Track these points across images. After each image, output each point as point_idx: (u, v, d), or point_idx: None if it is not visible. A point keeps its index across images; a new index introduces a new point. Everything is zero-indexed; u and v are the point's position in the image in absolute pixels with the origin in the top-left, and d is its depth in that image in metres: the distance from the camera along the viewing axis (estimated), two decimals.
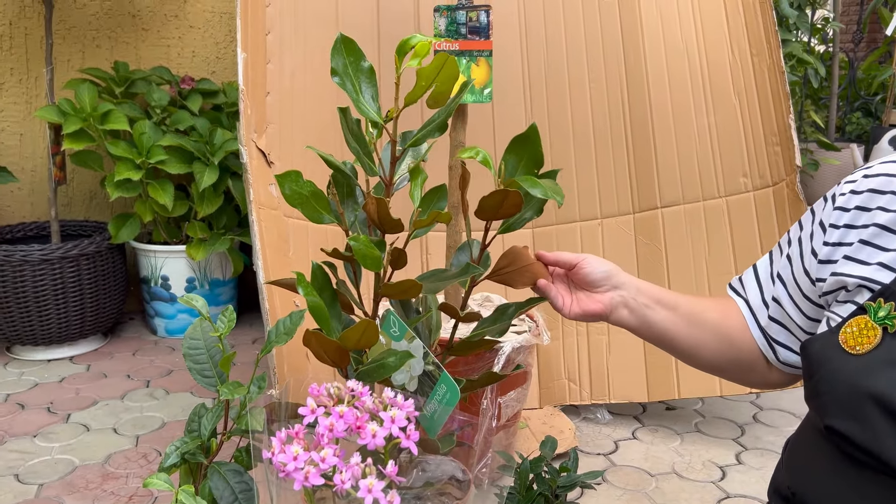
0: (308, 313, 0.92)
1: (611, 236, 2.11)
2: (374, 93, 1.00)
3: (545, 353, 2.04)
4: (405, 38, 0.95)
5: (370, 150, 1.01)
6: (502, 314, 1.08)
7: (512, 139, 0.99)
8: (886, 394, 0.67)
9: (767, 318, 0.92)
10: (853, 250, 0.78)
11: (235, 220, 2.69)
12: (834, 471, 0.73)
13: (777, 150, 1.99)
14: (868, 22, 5.08)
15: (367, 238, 0.92)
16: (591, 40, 2.11)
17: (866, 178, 0.81)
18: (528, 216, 1.02)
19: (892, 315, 0.70)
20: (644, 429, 1.98)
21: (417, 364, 1.01)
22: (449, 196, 1.58)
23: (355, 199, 1.05)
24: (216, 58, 2.92)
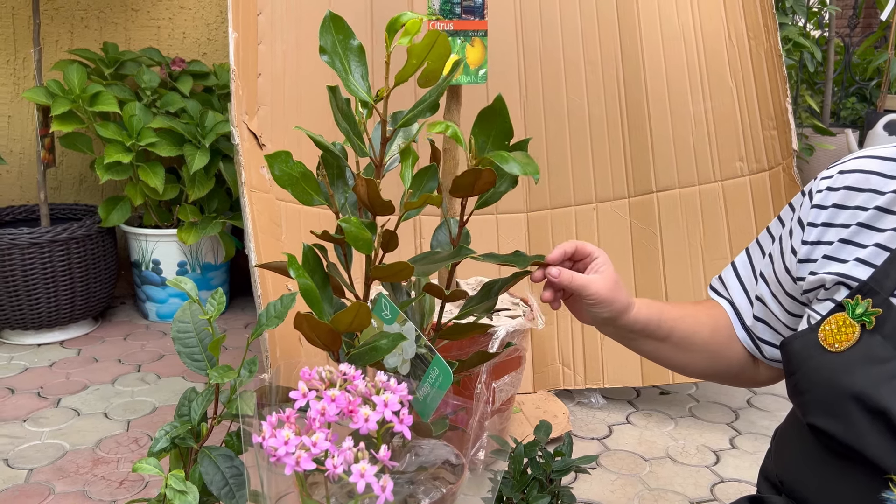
0: (299, 296, 0.90)
1: (606, 220, 2.09)
2: (363, 72, 0.98)
3: (539, 338, 2.03)
4: (395, 16, 0.93)
5: (360, 131, 0.99)
6: (488, 291, 1.07)
7: (479, 112, 0.97)
8: (866, 391, 0.67)
9: (753, 318, 0.91)
10: (833, 249, 0.77)
11: (227, 203, 2.67)
12: (820, 461, 0.73)
13: (774, 134, 1.98)
14: (863, 6, 5.06)
15: (357, 220, 0.91)
16: (587, 22, 2.09)
17: (842, 174, 0.80)
18: (503, 189, 1.01)
19: (870, 312, 0.70)
20: (638, 413, 1.98)
21: (409, 347, 1.00)
22: (443, 178, 1.57)
23: (345, 180, 1.03)
24: (207, 39, 2.88)
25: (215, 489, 0.89)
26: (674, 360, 0.94)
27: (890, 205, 0.74)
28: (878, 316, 0.69)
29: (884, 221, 0.74)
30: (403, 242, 2.04)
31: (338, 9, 1.98)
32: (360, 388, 0.78)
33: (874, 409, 0.66)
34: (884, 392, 0.66)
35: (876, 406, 0.66)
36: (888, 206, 0.75)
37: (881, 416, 0.66)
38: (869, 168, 0.78)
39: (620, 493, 1.57)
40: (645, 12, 2.06)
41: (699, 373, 0.96)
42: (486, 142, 1.00)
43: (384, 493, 0.69)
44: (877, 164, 0.77)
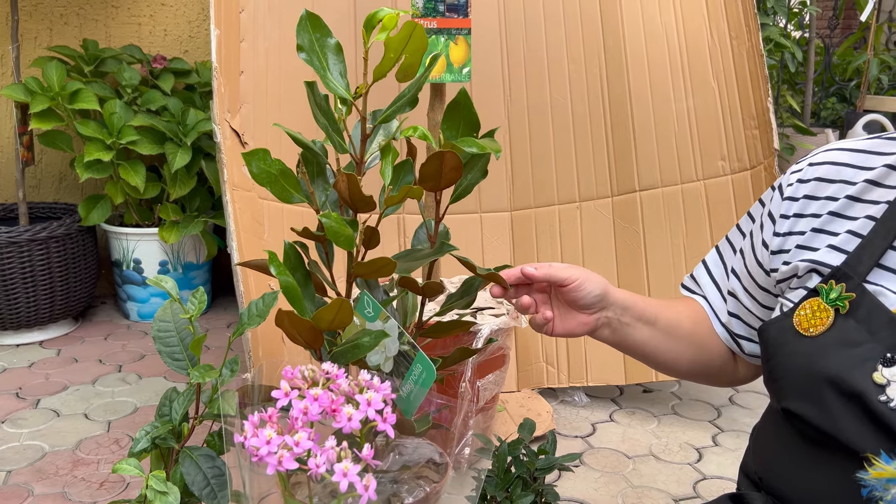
0: (281, 295, 0.90)
1: (589, 219, 2.10)
2: (342, 69, 0.97)
3: (523, 337, 2.03)
4: (373, 12, 0.93)
5: (339, 128, 0.98)
6: (469, 287, 1.07)
7: (447, 106, 0.98)
8: (840, 375, 0.68)
9: (727, 314, 0.91)
10: (805, 239, 0.78)
11: (209, 202, 2.65)
12: (796, 453, 0.74)
13: (755, 133, 1.99)
14: (844, 8, 5.11)
15: (338, 216, 0.90)
16: (571, 21, 2.09)
17: (812, 166, 0.81)
18: (474, 178, 1.00)
19: (844, 296, 0.71)
20: (621, 411, 1.98)
21: (392, 344, 1.00)
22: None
23: (326, 178, 1.03)
24: (189, 37, 2.86)
25: (197, 490, 0.89)
26: (663, 351, 0.93)
27: (861, 193, 0.76)
28: (852, 300, 0.71)
29: (855, 210, 0.76)
30: (387, 241, 2.03)
31: (320, 7, 1.97)
32: (342, 386, 0.77)
33: (848, 392, 0.67)
34: (857, 375, 0.67)
35: (850, 389, 0.67)
36: (859, 194, 0.76)
37: (855, 399, 0.67)
38: (840, 160, 0.79)
39: (604, 491, 1.58)
40: (628, 11, 2.06)
41: (686, 366, 0.95)
42: (455, 134, 1.00)
43: (367, 493, 0.69)
44: (847, 156, 0.79)
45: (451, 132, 0.99)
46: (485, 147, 0.93)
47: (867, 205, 0.75)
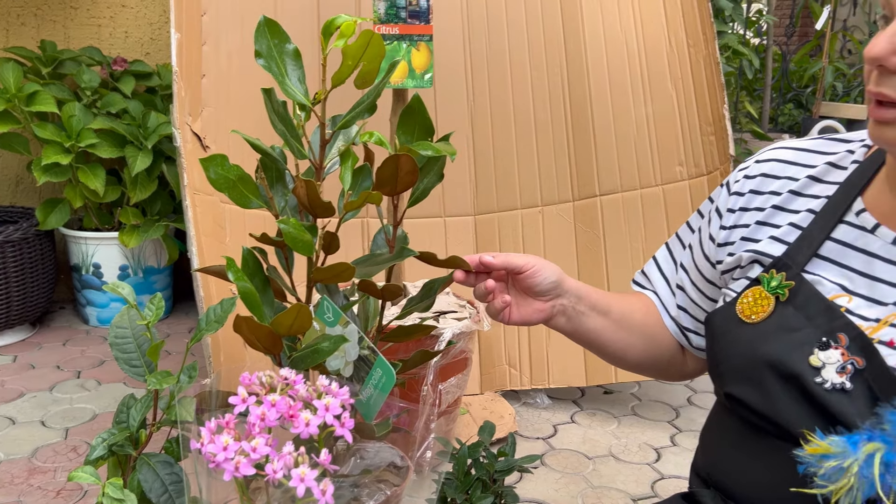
0: (239, 300, 0.90)
1: (551, 223, 2.13)
2: (300, 75, 0.98)
3: (486, 340, 2.05)
4: (330, 19, 0.94)
5: (298, 134, 0.99)
6: (429, 290, 1.08)
7: (401, 112, 0.99)
8: (779, 358, 0.71)
9: (676, 308, 0.94)
10: (750, 231, 0.82)
11: (170, 205, 2.62)
12: (739, 443, 0.77)
13: (712, 139, 2.03)
14: (800, 16, 5.23)
15: (297, 221, 0.91)
16: (533, 27, 2.12)
17: (758, 163, 0.85)
18: (431, 182, 1.02)
19: (784, 284, 0.74)
20: (582, 413, 2.01)
21: (352, 349, 1.00)
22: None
23: (285, 183, 1.03)
24: (150, 39, 2.82)
25: (154, 497, 0.88)
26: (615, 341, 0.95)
27: (803, 189, 0.80)
28: (791, 288, 0.74)
29: (797, 203, 0.80)
30: (351, 245, 2.04)
31: (284, 10, 1.97)
32: (301, 392, 0.78)
33: (786, 374, 0.70)
34: (795, 358, 0.70)
35: (788, 372, 0.70)
36: (801, 189, 0.80)
37: (793, 381, 0.70)
38: (785, 157, 0.83)
39: (564, 492, 1.60)
40: (589, 18, 2.10)
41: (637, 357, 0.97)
42: (410, 139, 1.02)
43: (324, 497, 0.69)
44: (792, 154, 0.83)
45: (406, 137, 1.00)
46: (440, 150, 0.94)
47: (808, 199, 0.79)
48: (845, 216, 0.75)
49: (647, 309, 0.97)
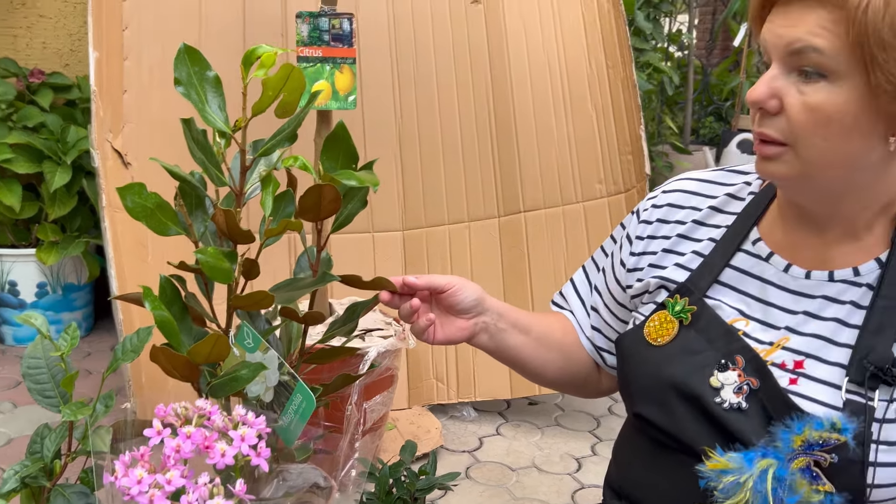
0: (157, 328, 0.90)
1: (477, 239, 2.17)
2: (220, 102, 0.98)
3: (414, 355, 2.07)
4: (251, 49, 0.95)
5: (218, 161, 0.99)
6: (352, 313, 1.09)
7: (325, 139, 1.00)
8: (682, 380, 0.76)
9: (591, 328, 0.99)
10: (657, 258, 0.87)
11: (91, 221, 2.56)
12: (647, 458, 0.82)
13: (629, 158, 2.12)
14: (720, 31, 5.45)
15: (215, 250, 0.91)
16: (459, 46, 2.16)
17: (665, 193, 0.90)
18: (354, 208, 1.03)
19: (687, 309, 0.79)
20: (507, 424, 2.06)
21: (272, 375, 1.01)
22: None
23: (205, 208, 1.03)
24: (70, 50, 2.75)
25: None
26: (534, 358, 0.97)
27: (705, 218, 0.85)
28: (694, 312, 0.79)
29: (700, 232, 0.85)
30: (279, 267, 2.03)
31: (209, 25, 1.96)
32: (217, 422, 0.79)
33: (689, 395, 0.75)
34: (696, 379, 0.75)
35: (690, 392, 0.75)
36: (704, 219, 0.85)
37: (695, 401, 0.75)
38: (689, 188, 0.88)
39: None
40: (513, 41, 2.15)
41: (555, 375, 1.00)
42: (334, 166, 1.03)
43: None
44: (695, 185, 0.88)
45: (330, 163, 1.02)
46: (363, 181, 0.96)
47: (710, 228, 0.84)
48: (743, 245, 0.81)
49: (565, 328, 1.01)
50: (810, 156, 0.67)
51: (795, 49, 0.65)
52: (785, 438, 0.67)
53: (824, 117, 0.65)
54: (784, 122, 0.67)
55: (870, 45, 0.61)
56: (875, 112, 0.64)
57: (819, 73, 0.64)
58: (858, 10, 0.60)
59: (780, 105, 0.67)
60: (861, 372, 0.69)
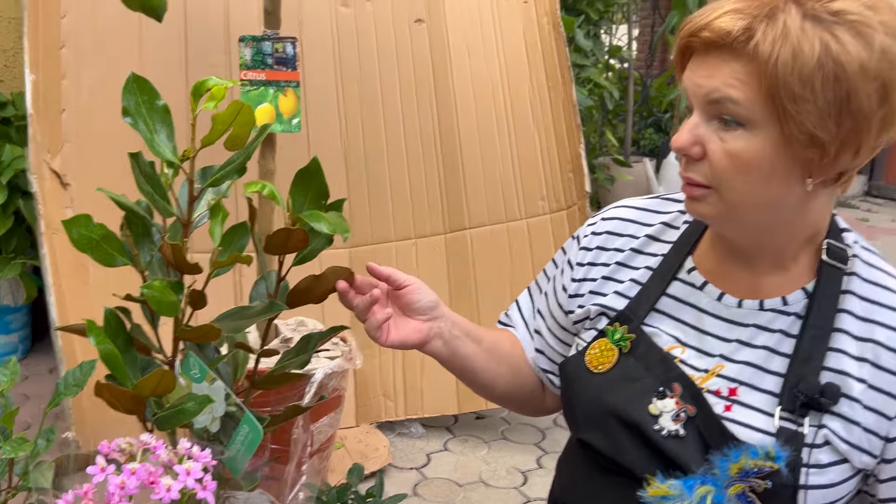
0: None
1: (424, 255, 2.19)
2: (169, 132, 0.98)
3: (361, 372, 2.08)
4: (200, 81, 0.95)
5: (165, 192, 0.99)
6: (305, 345, 1.09)
7: (296, 173, 1.00)
8: (623, 408, 0.78)
9: (534, 351, 1.00)
10: (597, 285, 0.89)
11: (27, 242, 2.48)
12: (590, 480, 0.84)
13: (570, 176, 2.17)
14: (659, 44, 5.60)
15: (161, 283, 0.91)
16: (404, 65, 2.19)
17: (604, 220, 0.91)
18: (319, 247, 1.03)
19: (626, 337, 0.81)
20: (455, 440, 2.08)
21: (219, 406, 1.01)
22: (260, 231, 1.58)
23: (151, 238, 1.02)
24: (4, 66, 2.68)
25: None
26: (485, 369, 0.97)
27: (643, 247, 0.87)
28: (633, 340, 0.81)
29: (637, 260, 0.87)
30: (226, 292, 2.00)
31: (150, 43, 1.93)
32: (162, 457, 0.79)
33: (629, 422, 0.77)
34: (636, 406, 0.77)
35: (630, 420, 0.77)
36: (641, 247, 0.87)
37: (635, 428, 0.77)
38: (626, 216, 0.90)
39: None
40: (457, 60, 2.19)
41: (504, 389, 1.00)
42: (304, 201, 1.03)
43: None
44: (633, 213, 0.90)
45: (300, 199, 1.01)
46: (334, 228, 0.94)
47: (647, 257, 0.87)
48: (678, 273, 0.83)
49: (514, 343, 1.02)
50: (733, 198, 0.70)
51: (713, 99, 0.68)
52: (722, 466, 0.70)
53: (744, 163, 0.68)
54: (707, 167, 0.70)
55: (781, 97, 0.64)
56: (791, 158, 0.67)
57: (737, 122, 0.67)
58: (769, 63, 0.63)
59: (703, 151, 0.70)
60: (793, 401, 0.71)
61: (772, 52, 0.63)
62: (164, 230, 0.98)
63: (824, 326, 0.73)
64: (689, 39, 0.70)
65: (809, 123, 0.64)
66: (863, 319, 0.73)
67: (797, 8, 0.64)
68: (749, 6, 0.65)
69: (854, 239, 0.78)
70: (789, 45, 0.63)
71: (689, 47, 0.70)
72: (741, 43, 0.65)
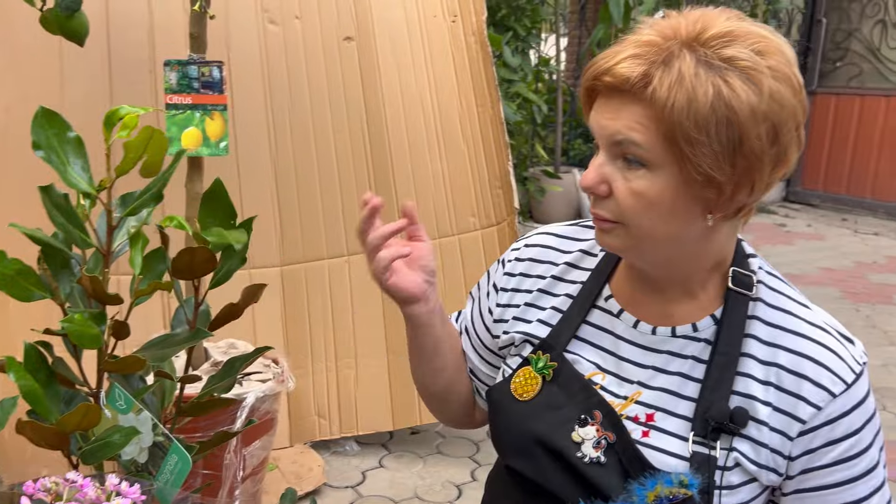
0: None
1: (357, 273, 2.20)
2: (83, 163, 0.97)
3: (295, 392, 2.07)
4: (112, 109, 0.94)
5: (81, 223, 0.97)
6: (230, 369, 1.09)
7: (202, 196, 1.00)
8: (546, 435, 0.80)
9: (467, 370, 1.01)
10: (521, 312, 0.90)
11: None
12: (519, 501, 0.86)
13: (500, 192, 2.22)
14: (586, 57, 5.76)
15: (82, 316, 0.90)
16: (333, 83, 2.20)
17: (527, 247, 0.93)
18: (234, 267, 1.03)
19: (548, 365, 0.84)
20: (390, 456, 2.09)
21: (147, 436, 1.00)
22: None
23: (71, 270, 1.01)
24: None
25: None
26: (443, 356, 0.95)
27: (563, 274, 0.89)
28: (555, 368, 0.83)
29: (558, 288, 0.89)
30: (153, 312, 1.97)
31: (70, 59, 1.88)
32: (89, 495, 0.78)
33: (553, 450, 0.80)
34: (559, 434, 0.80)
35: (554, 447, 0.79)
36: (561, 275, 0.89)
37: (558, 455, 0.79)
38: (548, 243, 0.92)
39: None
40: (387, 78, 2.21)
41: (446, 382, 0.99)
42: (213, 222, 1.03)
43: None
44: (553, 241, 0.92)
45: (209, 220, 1.01)
46: (238, 241, 0.96)
47: (567, 284, 0.89)
48: (597, 301, 0.85)
49: None
50: (639, 233, 0.73)
51: (617, 140, 0.70)
52: (640, 494, 0.73)
53: (647, 202, 0.71)
54: (614, 204, 0.73)
55: (678, 140, 0.67)
56: (691, 197, 0.70)
57: (639, 162, 0.70)
58: (665, 108, 0.66)
59: (609, 189, 0.73)
60: (704, 426, 0.74)
61: (668, 97, 0.66)
62: (84, 262, 0.97)
63: (732, 352, 0.76)
64: (593, 82, 0.72)
65: (706, 165, 0.67)
66: (768, 344, 0.76)
67: (691, 54, 0.67)
68: (647, 52, 0.68)
69: (759, 265, 0.81)
70: (684, 91, 0.66)
71: (594, 89, 0.73)
72: (640, 88, 0.68)
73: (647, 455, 0.76)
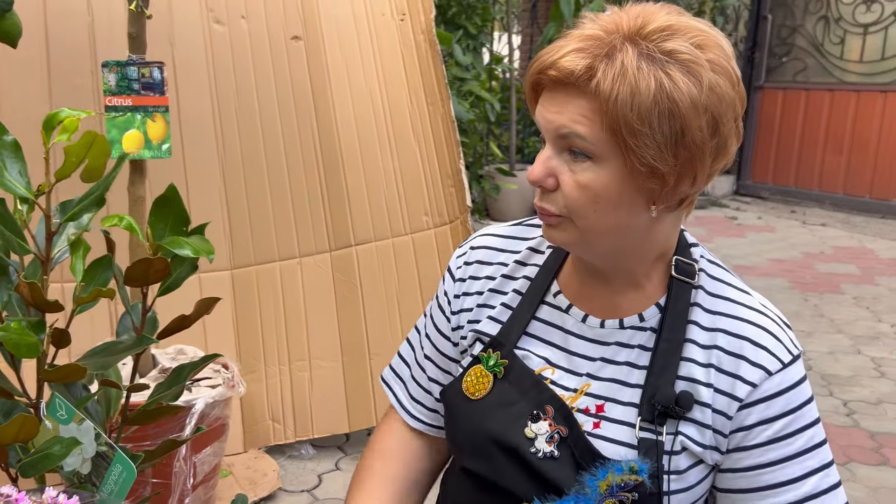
0: None
1: (310, 275, 2.18)
2: (21, 167, 0.95)
3: (248, 396, 2.05)
4: (52, 113, 0.92)
5: (19, 229, 0.95)
6: (178, 376, 1.07)
7: (154, 201, 0.99)
8: (500, 433, 0.81)
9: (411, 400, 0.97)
10: (473, 314, 0.91)
11: None
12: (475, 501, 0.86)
13: (452, 191, 2.22)
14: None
15: (19, 325, 0.88)
16: (281, 82, 2.17)
17: (473, 249, 0.94)
18: (184, 274, 1.02)
19: (499, 363, 0.84)
20: (347, 458, 2.08)
21: (89, 446, 0.98)
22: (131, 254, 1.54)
23: (9, 277, 0.99)
24: None
25: None
26: None
27: (513, 272, 0.90)
28: (506, 366, 0.83)
29: (507, 285, 0.90)
30: (100, 315, 1.93)
31: (5, 69, 1.83)
32: None
33: (507, 447, 0.80)
34: (512, 431, 0.80)
35: (508, 444, 0.80)
36: (511, 273, 0.90)
37: (513, 453, 0.80)
38: (494, 244, 0.93)
39: None
40: (335, 76, 2.20)
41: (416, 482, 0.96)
42: (164, 229, 1.01)
43: None
44: (499, 241, 0.93)
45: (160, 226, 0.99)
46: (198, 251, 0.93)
47: (516, 281, 0.90)
48: (545, 297, 0.86)
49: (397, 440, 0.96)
50: (585, 225, 0.74)
51: (562, 134, 0.71)
52: (592, 485, 0.74)
53: (593, 194, 0.72)
54: (560, 197, 0.74)
55: (622, 133, 0.68)
56: (635, 188, 0.71)
57: (585, 155, 0.71)
58: (609, 101, 0.67)
59: (556, 182, 0.74)
60: (650, 411, 0.76)
61: (612, 90, 0.67)
62: (22, 268, 0.95)
63: (675, 338, 0.78)
64: (538, 76, 0.73)
65: (649, 156, 0.68)
66: (708, 329, 0.79)
67: (633, 48, 0.68)
68: (591, 45, 0.69)
69: (700, 253, 0.84)
70: (627, 84, 0.67)
71: (539, 83, 0.74)
72: (584, 81, 0.69)
73: (598, 446, 0.78)
